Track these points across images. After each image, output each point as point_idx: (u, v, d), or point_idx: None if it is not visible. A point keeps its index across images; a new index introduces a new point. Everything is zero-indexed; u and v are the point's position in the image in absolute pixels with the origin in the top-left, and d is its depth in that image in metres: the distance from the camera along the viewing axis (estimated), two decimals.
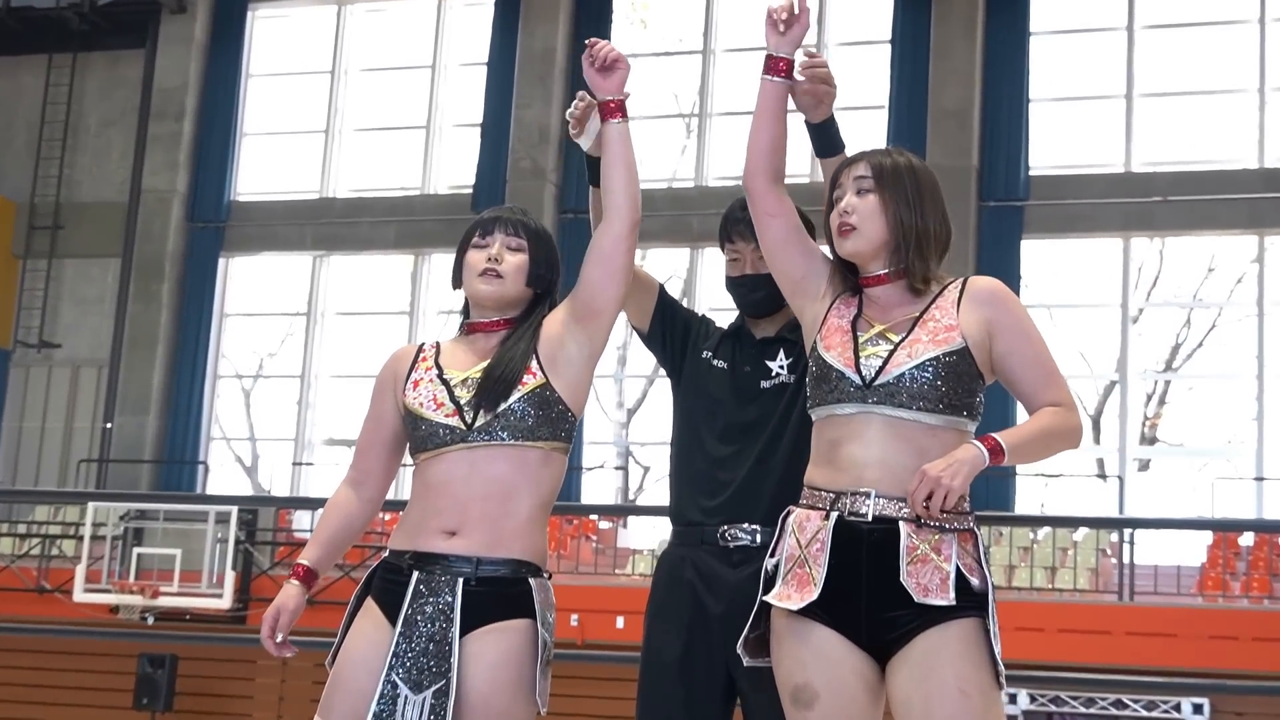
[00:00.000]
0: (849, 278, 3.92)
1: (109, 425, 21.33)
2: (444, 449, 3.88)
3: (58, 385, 21.85)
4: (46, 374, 21.92)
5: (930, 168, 3.99)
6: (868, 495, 3.64)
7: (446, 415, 3.89)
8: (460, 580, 3.78)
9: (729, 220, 4.64)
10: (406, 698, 3.73)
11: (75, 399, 21.75)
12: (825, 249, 4.03)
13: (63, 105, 22.45)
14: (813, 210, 4.16)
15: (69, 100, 22.45)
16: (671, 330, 4.73)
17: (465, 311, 4.14)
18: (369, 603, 3.92)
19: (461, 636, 3.76)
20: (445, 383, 3.95)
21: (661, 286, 4.78)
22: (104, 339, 21.75)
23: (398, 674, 3.75)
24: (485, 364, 3.94)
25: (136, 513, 17.77)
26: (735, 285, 4.65)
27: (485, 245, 4.03)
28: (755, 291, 4.55)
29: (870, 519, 3.63)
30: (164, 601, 16.55)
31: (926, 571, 3.60)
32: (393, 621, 3.81)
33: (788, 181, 4.14)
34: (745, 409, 4.51)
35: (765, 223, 4.01)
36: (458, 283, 4.10)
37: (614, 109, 4.09)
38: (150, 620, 16.63)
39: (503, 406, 3.85)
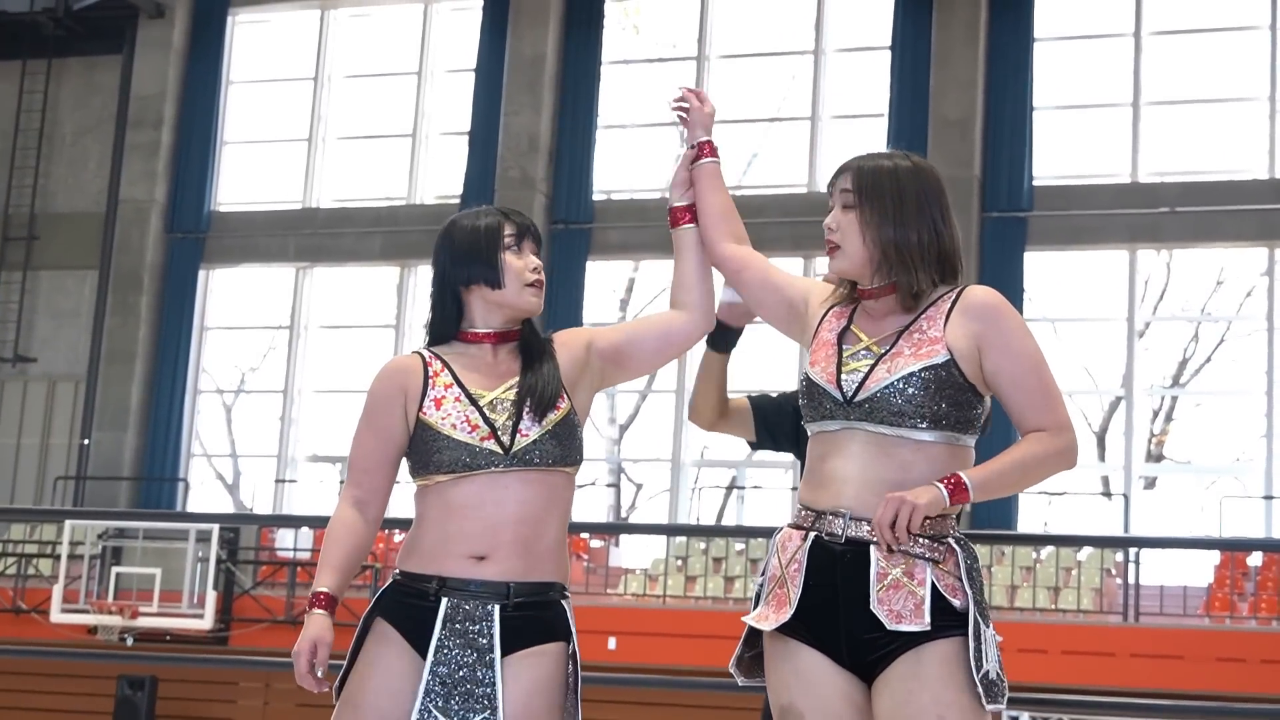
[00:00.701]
0: (849, 287, 3.89)
1: (86, 441, 21.18)
2: (473, 473, 3.80)
3: (34, 400, 21.70)
4: (22, 389, 21.75)
5: (927, 165, 3.87)
6: (841, 516, 3.62)
7: (482, 439, 3.81)
8: (497, 607, 3.74)
9: None
10: None
11: (52, 414, 21.60)
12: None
13: (37, 113, 22.26)
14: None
15: (44, 108, 22.26)
16: (779, 434, 4.74)
17: (450, 318, 3.97)
18: (384, 627, 3.83)
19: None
20: (474, 402, 3.85)
21: (752, 403, 4.72)
22: (81, 353, 21.61)
23: (434, 703, 3.71)
24: (513, 383, 3.88)
25: (115, 531, 17.90)
26: None
27: (520, 251, 3.95)
28: None
29: (843, 540, 3.61)
30: (144, 622, 16.61)
31: (899, 597, 3.57)
32: (418, 648, 3.75)
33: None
34: None
35: (740, 279, 4.07)
36: (496, 282, 3.91)
37: (687, 216, 4.11)
38: (130, 641, 16.66)
39: (539, 433, 3.81)
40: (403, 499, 4.01)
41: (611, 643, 15.58)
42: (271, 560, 18.22)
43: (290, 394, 21.30)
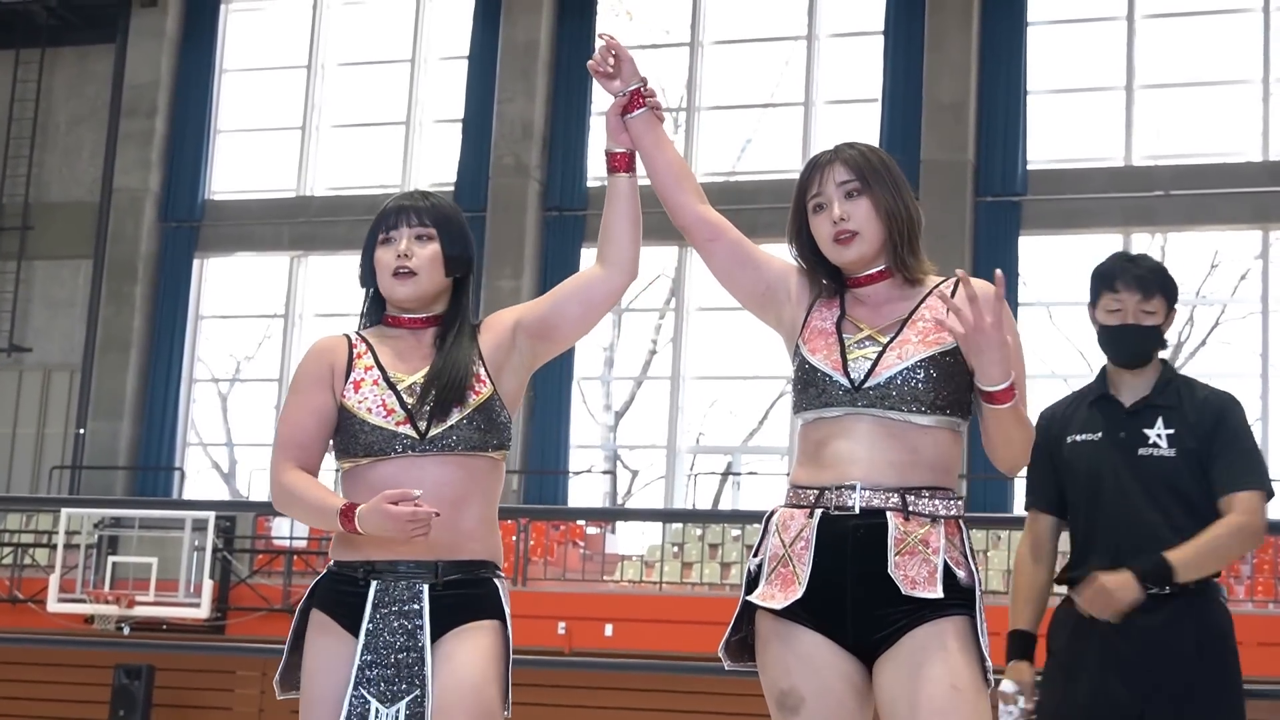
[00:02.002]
0: (826, 279, 3.87)
1: (82, 431, 21.13)
2: (389, 457, 3.79)
3: (29, 390, 21.64)
4: (17, 378, 21.69)
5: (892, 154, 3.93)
6: (853, 488, 3.61)
7: (398, 423, 3.81)
8: (425, 586, 3.74)
9: (1112, 271, 4.88)
10: (378, 711, 3.70)
11: (47, 404, 21.55)
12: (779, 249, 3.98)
13: (31, 102, 22.20)
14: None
15: (37, 97, 22.21)
16: None
17: (376, 303, 4.02)
18: (320, 617, 3.83)
19: (431, 643, 3.74)
20: (391, 386, 3.84)
21: None
22: (76, 342, 21.58)
23: (366, 688, 3.71)
24: (428, 370, 3.86)
25: (111, 520, 17.78)
26: (1116, 335, 4.88)
27: (392, 240, 3.91)
28: (1141, 343, 4.86)
29: (857, 511, 3.60)
30: (140, 611, 16.52)
31: (914, 564, 3.58)
32: (352, 632, 3.76)
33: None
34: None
35: (709, 249, 3.95)
36: (369, 282, 3.98)
37: (622, 163, 4.01)
38: (126, 630, 16.57)
39: (457, 418, 3.79)
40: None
41: (608, 629, 15.55)
42: (268, 549, 18.14)
43: (285, 383, 21.18)
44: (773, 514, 3.78)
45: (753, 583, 3.75)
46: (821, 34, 19.90)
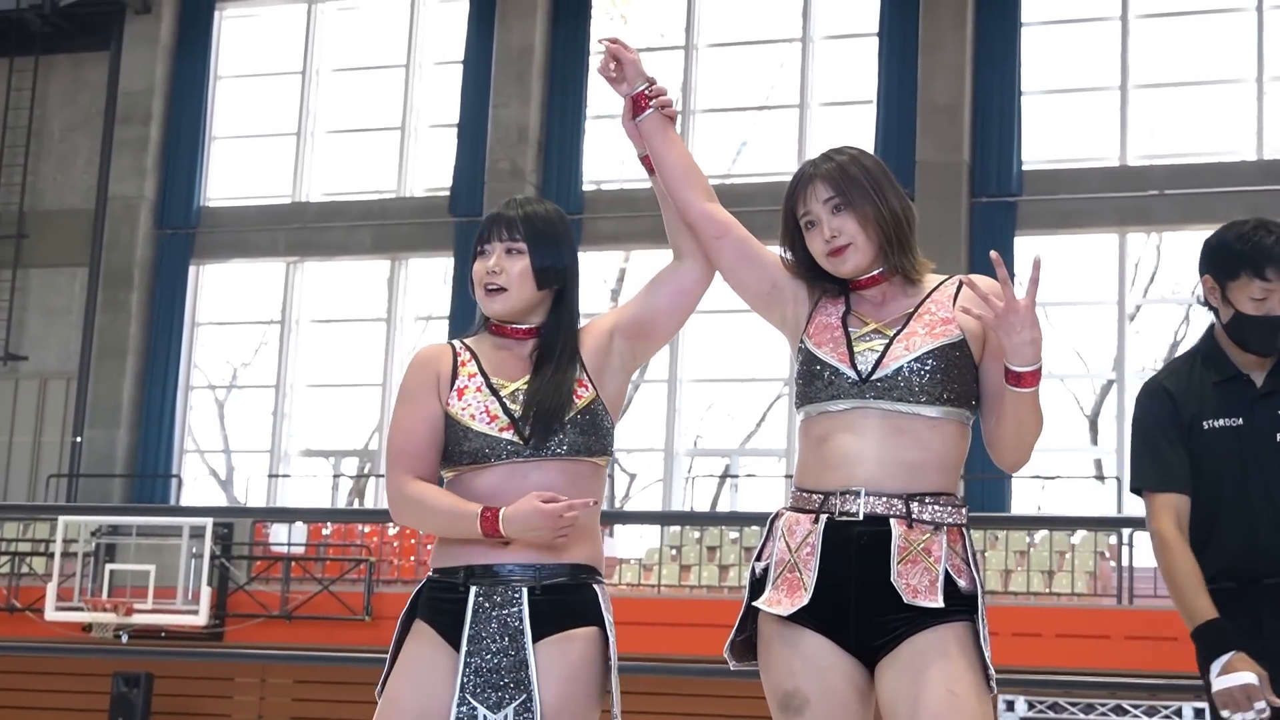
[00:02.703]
0: (829, 281, 3.88)
1: (78, 439, 21.09)
2: (493, 463, 3.80)
3: (25, 398, 21.58)
4: (13, 387, 21.63)
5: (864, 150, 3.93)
6: (857, 494, 3.63)
7: (501, 429, 3.82)
8: (525, 590, 3.74)
9: (1267, 253, 4.46)
10: (486, 718, 3.68)
11: (43, 412, 21.49)
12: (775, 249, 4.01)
13: (25, 110, 22.16)
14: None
15: (31, 105, 22.16)
16: None
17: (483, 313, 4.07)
18: (420, 626, 3.83)
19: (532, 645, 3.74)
20: (495, 393, 3.86)
21: None
22: (72, 350, 21.51)
23: (473, 695, 3.70)
24: (528, 387, 3.86)
25: (108, 528, 17.69)
26: (1263, 327, 4.50)
27: (485, 253, 3.93)
28: None
29: (861, 518, 3.61)
30: (138, 619, 16.47)
31: (916, 572, 3.60)
32: (452, 642, 3.75)
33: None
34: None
35: (716, 247, 3.95)
36: (473, 293, 4.04)
37: (650, 165, 4.09)
38: (124, 638, 16.49)
39: (560, 424, 3.80)
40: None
41: None
42: (266, 555, 18.09)
43: (282, 389, 21.20)
44: (777, 517, 3.79)
45: (757, 585, 3.77)
46: (816, 36, 19.88)
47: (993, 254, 3.52)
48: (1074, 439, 19.19)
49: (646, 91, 3.99)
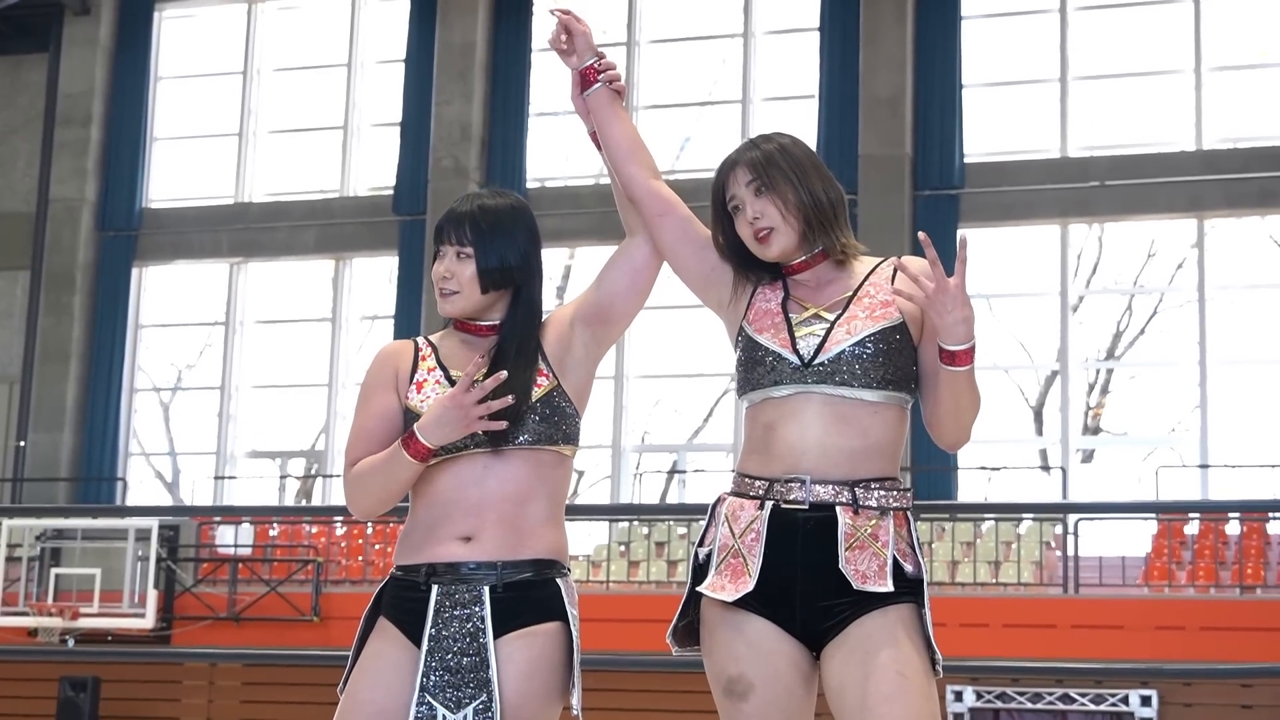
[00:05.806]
0: (764, 268, 3.87)
1: (22, 443, 21.00)
2: (453, 455, 3.75)
3: None
4: None
5: (794, 136, 3.94)
6: (803, 482, 3.62)
7: None
8: (486, 589, 3.71)
9: None
10: (445, 717, 3.66)
11: None
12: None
13: None
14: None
15: None
16: None
17: None
18: (383, 623, 3.81)
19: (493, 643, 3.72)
20: (453, 384, 3.78)
21: None
22: (14, 354, 21.42)
23: (432, 695, 3.68)
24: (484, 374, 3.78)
25: (53, 532, 17.56)
26: None
27: (440, 256, 3.90)
28: None
29: (806, 506, 3.61)
30: (84, 623, 16.42)
31: (864, 558, 3.60)
32: (414, 640, 3.73)
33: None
34: None
35: (658, 224, 3.93)
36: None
37: (598, 141, 4.08)
38: (71, 642, 16.47)
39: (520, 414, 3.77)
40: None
41: None
42: (212, 557, 18.01)
43: (228, 390, 21.14)
44: (719, 502, 3.78)
45: (700, 570, 3.76)
46: (758, 31, 19.90)
47: (921, 235, 3.55)
48: (1019, 430, 19.27)
49: (595, 65, 3.96)
